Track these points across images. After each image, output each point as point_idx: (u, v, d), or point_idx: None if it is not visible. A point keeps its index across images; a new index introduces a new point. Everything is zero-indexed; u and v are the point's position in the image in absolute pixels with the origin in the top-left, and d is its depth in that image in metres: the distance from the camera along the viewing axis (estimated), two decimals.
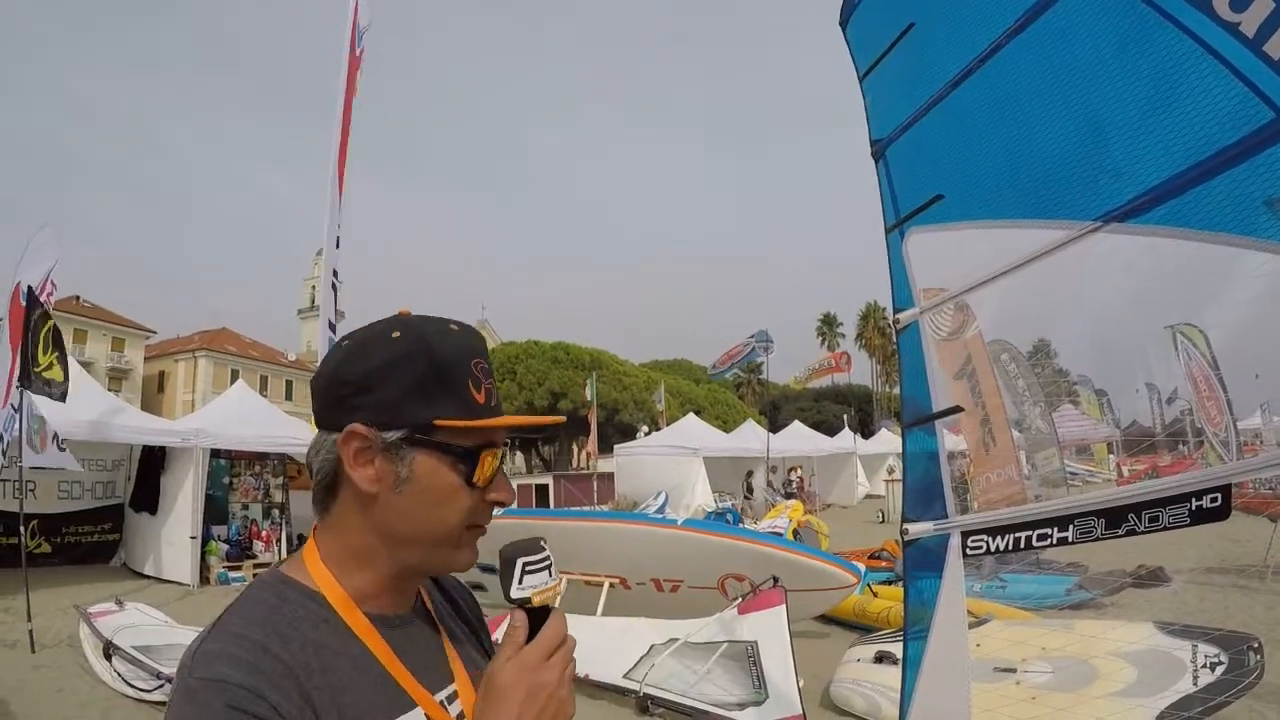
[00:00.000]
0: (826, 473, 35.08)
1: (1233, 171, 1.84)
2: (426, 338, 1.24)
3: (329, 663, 1.15)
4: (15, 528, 11.62)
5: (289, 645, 1.12)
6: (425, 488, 1.22)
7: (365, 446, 1.21)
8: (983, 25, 2.38)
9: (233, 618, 1.15)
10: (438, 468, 1.22)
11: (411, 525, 1.24)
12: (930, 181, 2.68)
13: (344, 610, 1.22)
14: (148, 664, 8.11)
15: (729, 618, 7.65)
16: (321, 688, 1.12)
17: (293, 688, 1.08)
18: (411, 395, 1.21)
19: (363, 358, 1.24)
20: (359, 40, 8.26)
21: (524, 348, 52.34)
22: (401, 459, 1.21)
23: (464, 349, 1.26)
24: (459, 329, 1.29)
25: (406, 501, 1.22)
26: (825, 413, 68.59)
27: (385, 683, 1.21)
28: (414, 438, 1.21)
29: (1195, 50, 1.88)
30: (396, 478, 1.21)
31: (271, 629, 1.13)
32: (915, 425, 2.75)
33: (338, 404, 1.24)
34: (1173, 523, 2.02)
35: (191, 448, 15.51)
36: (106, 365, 66.68)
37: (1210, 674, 5.26)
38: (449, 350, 1.24)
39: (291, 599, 1.20)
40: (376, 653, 1.22)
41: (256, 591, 1.22)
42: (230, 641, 1.09)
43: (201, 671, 1.05)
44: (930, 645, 2.62)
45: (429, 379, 1.21)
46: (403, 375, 1.21)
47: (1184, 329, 11.52)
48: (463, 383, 1.23)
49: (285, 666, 1.09)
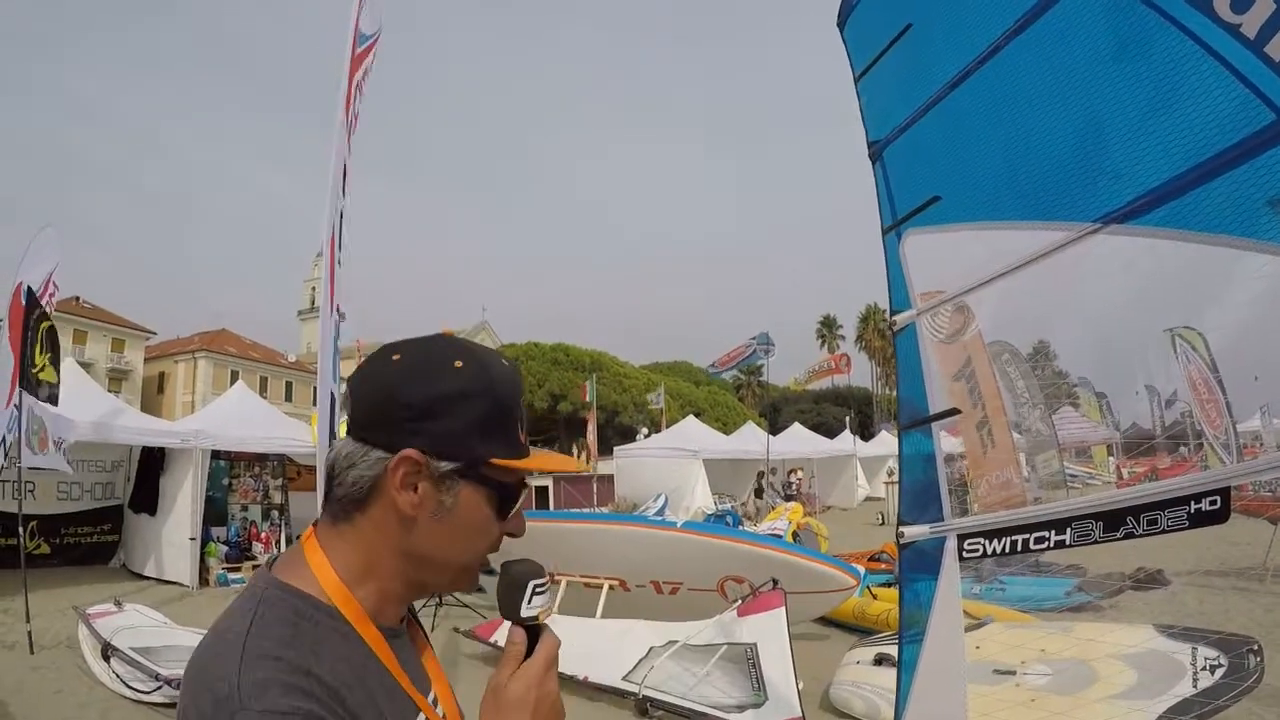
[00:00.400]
0: (826, 475, 35.02)
1: (1233, 173, 1.83)
2: (490, 375, 1.27)
3: (354, 677, 1.16)
4: (14, 529, 11.62)
5: (323, 664, 1.12)
6: (465, 519, 1.25)
7: (416, 473, 1.22)
8: (981, 27, 2.37)
9: (262, 640, 1.11)
10: (480, 502, 1.26)
11: (443, 552, 1.27)
12: (928, 183, 2.67)
13: (359, 624, 1.23)
14: (146, 665, 8.10)
15: (728, 620, 7.64)
16: (363, 704, 1.14)
17: (339, 706, 1.10)
18: (473, 431, 1.23)
19: (425, 382, 1.24)
20: (360, 42, 8.25)
21: (524, 349, 52.41)
22: (448, 489, 1.23)
23: (517, 390, 1.32)
24: (509, 366, 1.33)
25: (443, 529, 1.25)
26: (825, 415, 68.57)
27: (396, 692, 1.24)
28: (465, 471, 1.23)
29: (1196, 52, 1.87)
30: (439, 506, 1.23)
31: (305, 649, 1.12)
32: (912, 427, 2.74)
33: (394, 425, 1.23)
34: (1171, 526, 2.02)
35: (191, 449, 15.49)
36: (106, 366, 66.69)
37: (1210, 677, 5.26)
38: (508, 390, 1.28)
39: (308, 614, 1.18)
40: (388, 665, 1.25)
41: (272, 606, 1.18)
42: (274, 668, 1.07)
43: (260, 704, 1.03)
44: (926, 648, 2.61)
45: (491, 418, 1.25)
46: (467, 410, 1.23)
47: (1183, 331, 11.49)
48: (515, 423, 1.29)
49: (328, 688, 1.10)
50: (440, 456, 1.21)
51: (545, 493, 29.90)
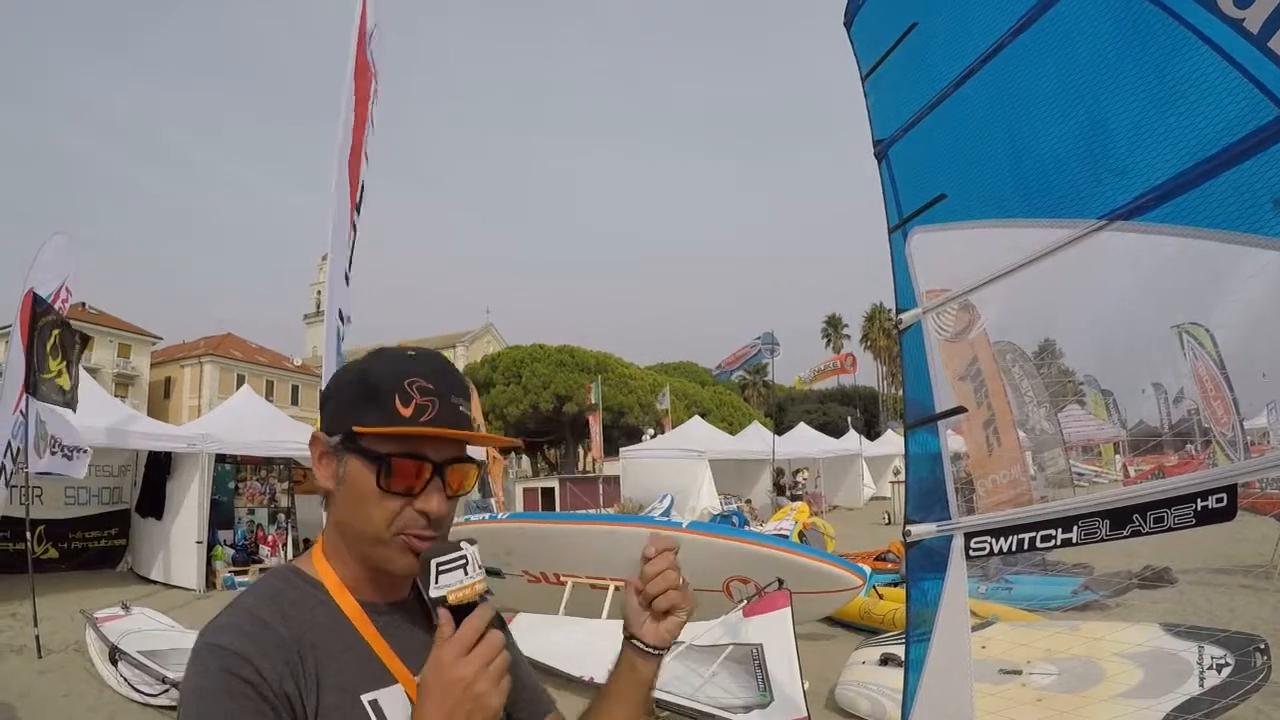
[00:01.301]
0: (832, 474, 35.04)
1: (1238, 169, 1.83)
2: (368, 362, 1.47)
3: (320, 638, 1.33)
4: (22, 533, 11.65)
5: (288, 621, 1.31)
6: (353, 487, 1.39)
7: (324, 450, 1.44)
8: (985, 24, 2.37)
9: (245, 597, 1.36)
10: (360, 470, 1.38)
11: (348, 521, 1.42)
12: (933, 181, 2.67)
13: (338, 595, 1.41)
14: (154, 669, 8.12)
15: (734, 620, 7.63)
16: (308, 658, 1.29)
17: (280, 659, 1.25)
18: (348, 408, 1.42)
19: (334, 379, 1.51)
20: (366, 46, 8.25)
21: (529, 351, 52.30)
22: (341, 461, 1.41)
23: (400, 371, 1.41)
24: (414, 355, 1.47)
25: (344, 499, 1.41)
26: (831, 414, 68.55)
27: (370, 659, 1.38)
28: (347, 443, 1.40)
29: (1199, 46, 1.87)
30: (338, 477, 1.41)
31: (275, 608, 1.33)
32: (918, 426, 2.74)
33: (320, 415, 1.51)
34: (1178, 524, 2.01)
35: (197, 453, 15.53)
36: (113, 371, 66.94)
37: (1217, 675, 5.25)
38: (382, 371, 1.42)
39: (296, 584, 1.41)
40: (364, 633, 1.40)
41: (269, 578, 1.45)
42: (237, 615, 1.30)
43: (208, 637, 1.25)
44: (933, 647, 2.61)
45: (358, 394, 1.41)
46: (344, 392, 1.44)
47: (1190, 328, 11.48)
48: (389, 398, 1.38)
49: (279, 639, 1.27)
50: (330, 433, 1.43)
51: (551, 494, 29.99)
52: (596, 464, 40.14)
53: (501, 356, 54.77)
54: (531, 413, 49.45)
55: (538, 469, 58.85)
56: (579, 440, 54.24)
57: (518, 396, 48.95)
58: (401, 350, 1.48)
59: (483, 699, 1.21)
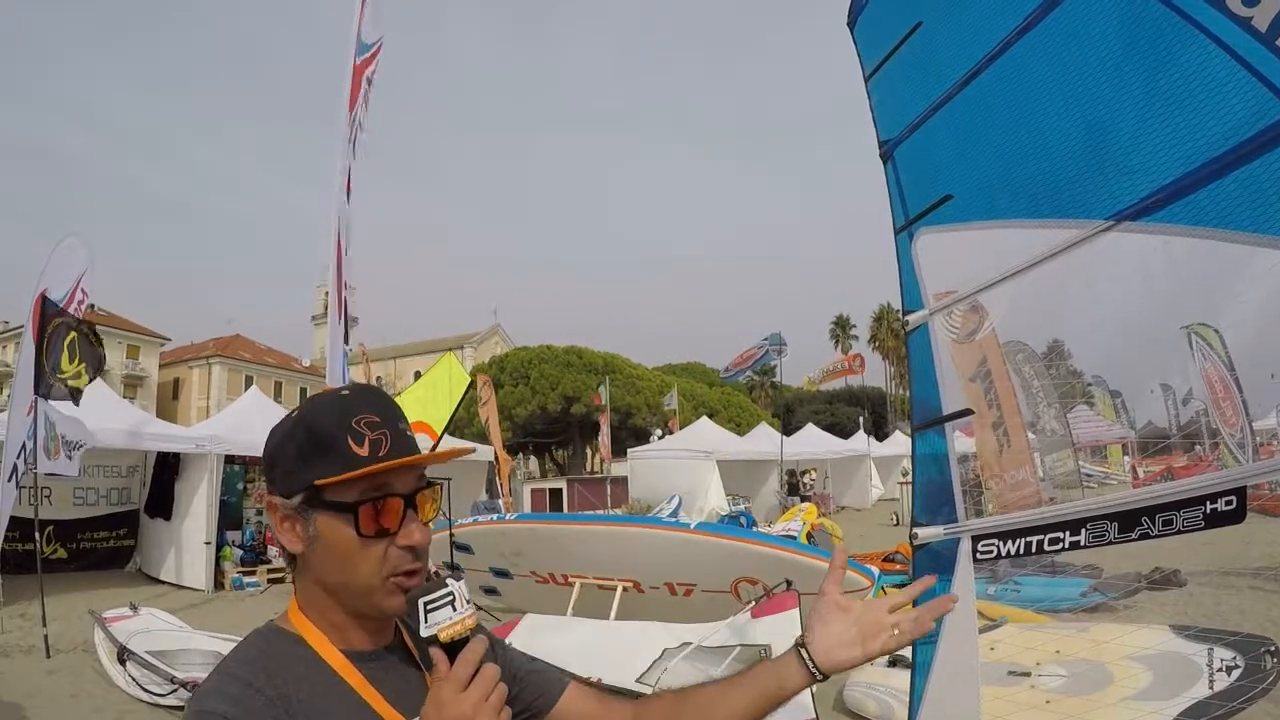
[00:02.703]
0: (840, 475, 35.03)
1: (1247, 167, 1.82)
2: (306, 410, 1.42)
3: (307, 693, 1.30)
4: (31, 533, 11.69)
5: (274, 680, 1.28)
6: (328, 545, 1.36)
7: (285, 515, 1.39)
8: (991, 23, 2.36)
9: (229, 660, 1.33)
10: (332, 526, 1.35)
11: (336, 578, 1.39)
12: (939, 182, 2.66)
13: (320, 648, 1.38)
14: (162, 669, 8.15)
15: (742, 621, 7.62)
16: (298, 715, 1.26)
17: (271, 716, 1.24)
18: (298, 464, 1.36)
19: (271, 439, 1.43)
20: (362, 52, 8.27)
21: (537, 352, 52.41)
22: (308, 521, 1.37)
23: (343, 411, 1.38)
24: (349, 394, 1.44)
25: (323, 558, 1.38)
26: (839, 415, 68.50)
27: (362, 709, 1.35)
28: (310, 501, 1.36)
29: (1207, 45, 1.86)
30: (310, 538, 1.37)
31: (260, 668, 1.30)
32: (925, 428, 2.73)
33: (267, 480, 1.45)
34: (1187, 526, 2.00)
35: (206, 454, 15.57)
36: (121, 372, 67.16)
37: (1226, 678, 5.23)
38: (325, 417, 1.38)
39: (276, 642, 1.38)
40: (352, 683, 1.37)
41: (250, 639, 1.41)
42: (223, 680, 1.27)
43: (197, 705, 1.24)
44: (940, 650, 2.60)
45: (306, 446, 1.36)
46: (290, 449, 1.38)
47: (1199, 329, 11.43)
48: (341, 442, 1.34)
49: (267, 699, 1.25)
50: (287, 495, 1.38)
51: (560, 495, 30.00)
52: (604, 465, 40.14)
53: (509, 358, 54.89)
54: (539, 414, 49.55)
55: (545, 470, 58.93)
56: (586, 441, 54.27)
57: (525, 397, 49.02)
58: (335, 392, 1.45)
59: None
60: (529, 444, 55.67)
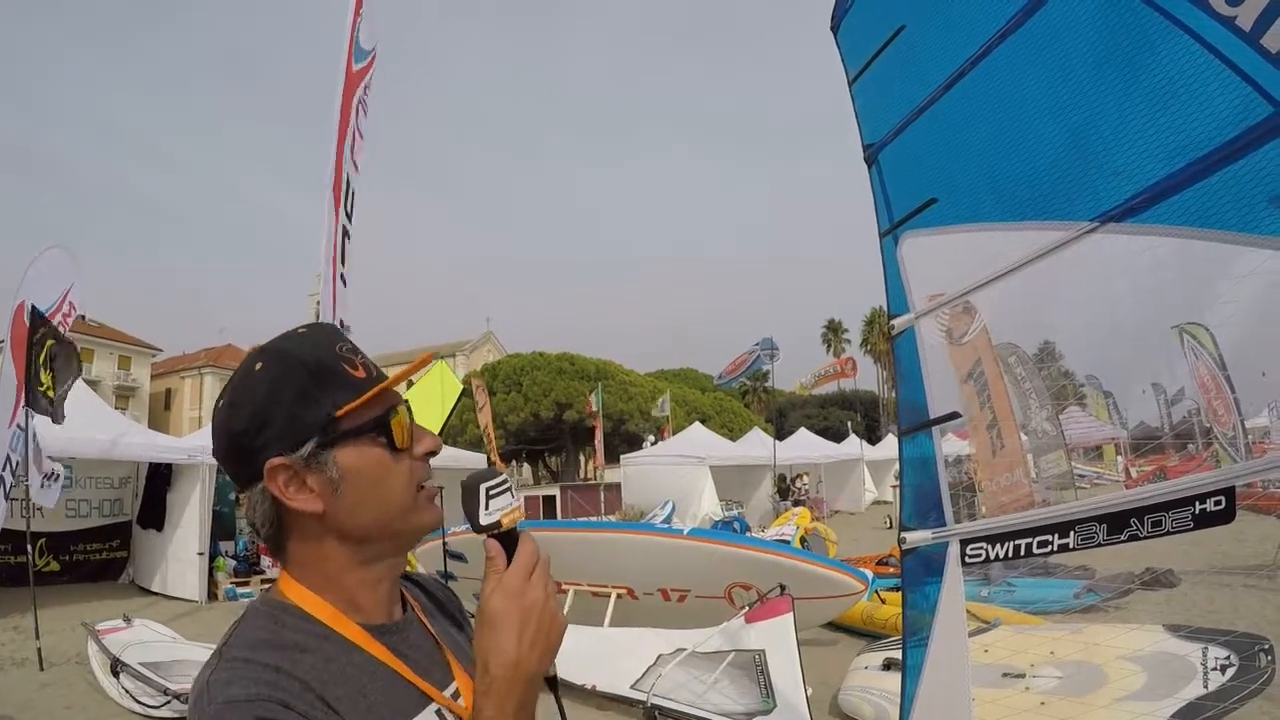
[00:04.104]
0: (833, 479, 34.99)
1: (1232, 168, 1.82)
2: (285, 351, 1.29)
3: (339, 674, 1.19)
4: (23, 546, 11.63)
5: (298, 666, 1.15)
6: (360, 476, 1.27)
7: (293, 473, 1.25)
8: (974, 26, 2.36)
9: (237, 648, 1.17)
10: (361, 452, 1.27)
11: (369, 513, 1.28)
12: (924, 185, 2.66)
13: (336, 624, 1.26)
14: (155, 680, 8.12)
15: (736, 626, 7.62)
16: (342, 697, 1.16)
17: (314, 698, 1.12)
18: (302, 405, 1.25)
19: (245, 402, 1.28)
20: (359, 59, 8.25)
21: (529, 359, 52.29)
22: (326, 464, 1.25)
23: (321, 343, 1.31)
24: (307, 330, 1.36)
25: (351, 497, 1.26)
26: (832, 419, 68.52)
27: (397, 684, 1.26)
28: (325, 440, 1.25)
29: (1191, 45, 1.86)
30: (332, 484, 1.25)
31: (278, 653, 1.16)
32: (913, 431, 2.72)
33: (246, 456, 1.27)
34: (1176, 527, 2.00)
35: (198, 464, 15.51)
36: (113, 383, 66.97)
37: (1221, 677, 5.23)
38: (309, 349, 1.29)
39: (288, 623, 1.23)
40: (381, 658, 1.27)
41: (253, 620, 1.25)
42: (240, 668, 1.12)
43: (221, 696, 1.07)
44: (931, 653, 2.60)
45: (308, 384, 1.26)
46: (285, 394, 1.25)
47: (1190, 328, 11.47)
48: (339, 369, 1.28)
49: (301, 683, 1.13)
50: (296, 446, 1.24)
51: (553, 502, 29.95)
52: (597, 471, 40.11)
53: (502, 365, 54.78)
54: (532, 421, 49.46)
55: (539, 477, 58.80)
56: (580, 448, 54.24)
57: (518, 405, 48.94)
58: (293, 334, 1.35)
59: (556, 618, 1.20)
60: (522, 451, 55.58)
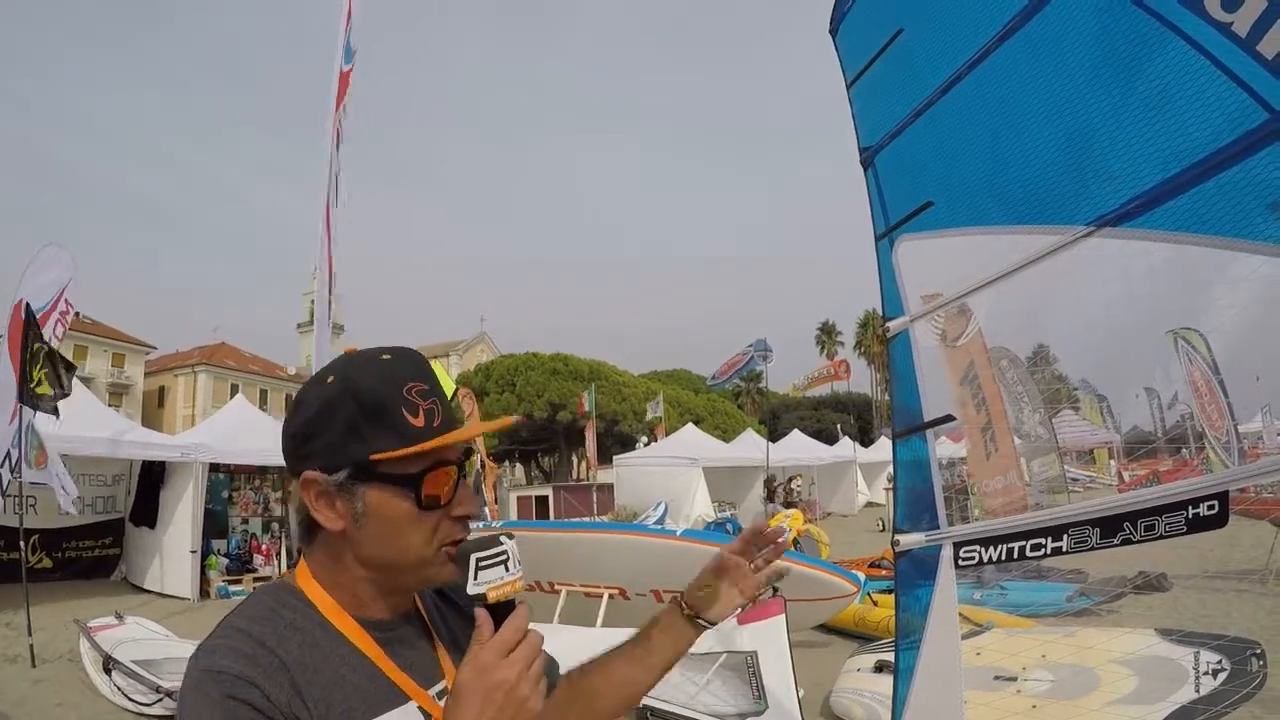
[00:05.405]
0: (826, 481, 35.00)
1: (1227, 173, 1.82)
2: (350, 377, 1.30)
3: (321, 661, 1.25)
4: (16, 543, 11.62)
5: (285, 644, 1.22)
6: (381, 519, 1.29)
7: (323, 490, 1.29)
8: (971, 30, 2.36)
9: (237, 617, 1.27)
10: (387, 499, 1.29)
11: (382, 554, 1.32)
12: (920, 188, 2.66)
13: (334, 616, 1.32)
14: (147, 678, 8.10)
15: (728, 628, 7.60)
16: (314, 683, 1.21)
17: (285, 681, 1.18)
18: (347, 436, 1.27)
19: (304, 408, 1.32)
20: (347, 58, 8.26)
21: (523, 360, 52.29)
22: (355, 496, 1.28)
23: (392, 378, 1.30)
24: (390, 357, 1.35)
25: (369, 534, 1.30)
26: (825, 421, 68.59)
27: (376, 679, 1.30)
28: (360, 474, 1.28)
29: (1187, 51, 1.86)
30: (355, 513, 1.29)
31: (270, 628, 1.24)
32: (907, 434, 2.73)
33: (293, 455, 1.33)
34: (1169, 531, 2.00)
35: (191, 462, 15.50)
36: (107, 381, 66.75)
37: (1212, 681, 5.23)
38: (374, 384, 1.29)
39: (290, 604, 1.31)
40: (367, 653, 1.32)
41: (260, 595, 1.34)
42: (232, 637, 1.21)
43: (203, 663, 1.17)
44: (923, 656, 2.60)
45: (358, 417, 1.27)
46: (336, 418, 1.28)
47: (1184, 333, 11.48)
48: (395, 412, 1.28)
49: (280, 661, 1.19)
50: (331, 469, 1.28)
51: (545, 502, 29.95)
52: (590, 472, 40.07)
53: (495, 365, 54.81)
54: (525, 421, 49.43)
55: (531, 477, 58.75)
56: (573, 448, 54.22)
57: (512, 405, 48.90)
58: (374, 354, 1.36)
59: (526, 703, 1.16)
60: (515, 451, 55.61)
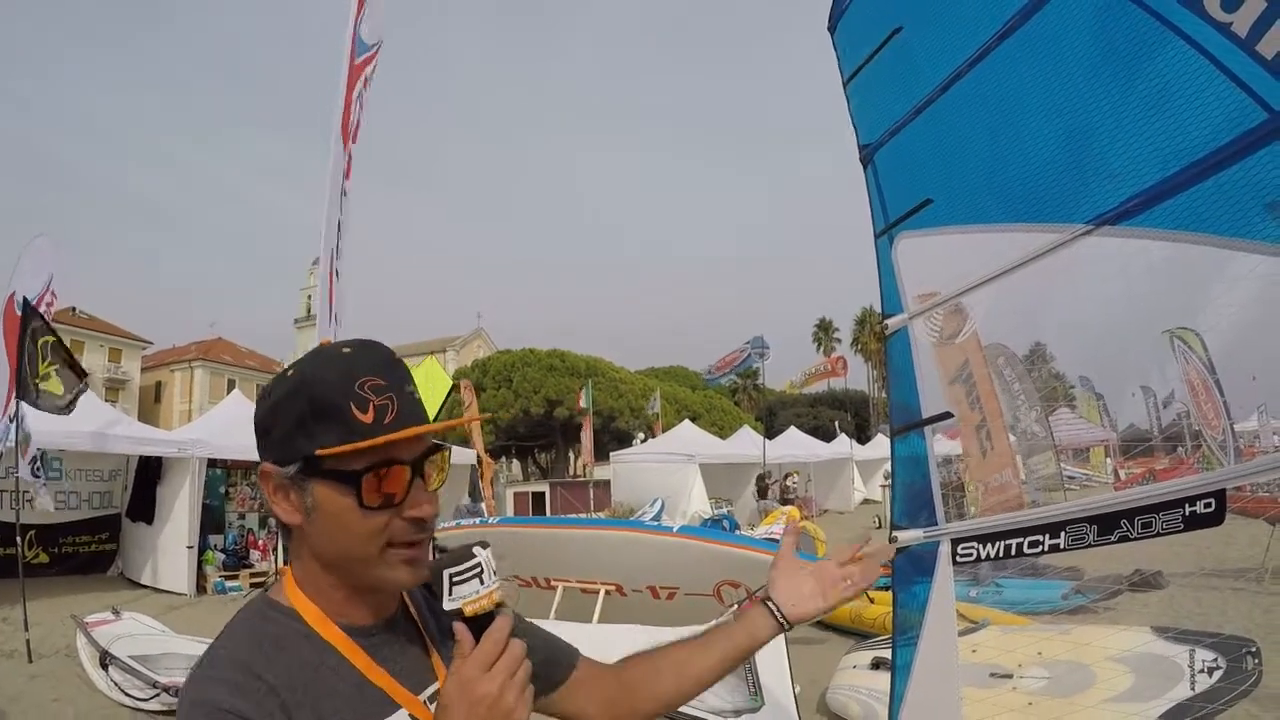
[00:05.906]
0: (823, 478, 35.01)
1: (1226, 173, 1.82)
2: (306, 373, 1.30)
3: (310, 677, 1.25)
4: (12, 538, 11.63)
5: (273, 666, 1.22)
6: (327, 515, 1.29)
7: (279, 484, 1.31)
8: (971, 28, 2.36)
9: (225, 641, 1.27)
10: (332, 495, 1.28)
11: (330, 550, 1.32)
12: (920, 186, 2.66)
13: (318, 625, 1.32)
14: (144, 673, 8.10)
15: None
16: (303, 703, 1.21)
17: (275, 705, 1.18)
18: (296, 430, 1.27)
19: (265, 402, 1.34)
20: (360, 51, 8.23)
21: (520, 356, 52.23)
22: (305, 490, 1.29)
23: (348, 373, 1.28)
24: (351, 351, 1.33)
25: (319, 528, 1.31)
26: (821, 418, 68.61)
27: (364, 688, 1.30)
28: (308, 469, 1.28)
29: (1187, 51, 1.86)
30: (306, 508, 1.30)
31: (257, 649, 1.24)
32: (905, 431, 2.73)
33: (258, 448, 1.35)
34: (1166, 529, 2.00)
35: (188, 458, 15.50)
36: (103, 376, 66.82)
37: (1208, 679, 5.24)
38: (326, 378, 1.28)
39: (273, 618, 1.31)
40: (354, 661, 1.31)
41: (245, 616, 1.33)
42: (220, 665, 1.21)
43: (193, 694, 1.17)
44: (920, 652, 2.61)
45: (305, 413, 1.27)
46: (288, 414, 1.29)
47: (1181, 332, 11.49)
48: (344, 408, 1.26)
49: (268, 686, 1.19)
50: (283, 463, 1.30)
51: (542, 499, 29.97)
52: (587, 468, 40.07)
53: (492, 361, 54.77)
54: (522, 417, 49.41)
55: (528, 473, 58.72)
56: (569, 444, 54.16)
57: (508, 401, 48.88)
58: (336, 348, 1.34)
59: (511, 715, 1.17)
60: (512, 447, 55.54)
